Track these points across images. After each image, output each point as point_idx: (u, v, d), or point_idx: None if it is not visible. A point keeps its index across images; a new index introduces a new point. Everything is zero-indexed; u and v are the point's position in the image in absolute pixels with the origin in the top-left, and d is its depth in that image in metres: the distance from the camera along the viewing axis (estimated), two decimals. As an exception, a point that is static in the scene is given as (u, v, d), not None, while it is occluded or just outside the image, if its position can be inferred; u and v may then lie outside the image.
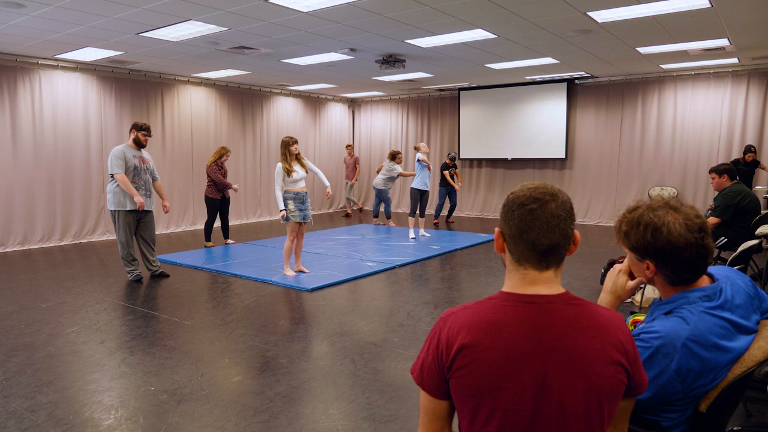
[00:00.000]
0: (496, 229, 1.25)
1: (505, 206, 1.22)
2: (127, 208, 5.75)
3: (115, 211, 5.77)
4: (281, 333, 4.25)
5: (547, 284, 1.18)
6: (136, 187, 5.72)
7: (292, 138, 5.95)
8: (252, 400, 3.06)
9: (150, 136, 5.94)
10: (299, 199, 5.93)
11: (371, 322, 4.55)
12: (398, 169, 9.73)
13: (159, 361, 3.65)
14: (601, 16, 5.81)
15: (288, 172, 5.82)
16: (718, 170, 5.39)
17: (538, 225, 1.15)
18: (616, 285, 1.58)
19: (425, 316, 4.70)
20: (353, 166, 12.13)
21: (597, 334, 1.14)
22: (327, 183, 6.23)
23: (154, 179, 6.09)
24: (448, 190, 10.69)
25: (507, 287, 1.21)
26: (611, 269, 1.60)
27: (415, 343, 4.02)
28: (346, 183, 12.26)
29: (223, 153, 8.05)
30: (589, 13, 5.70)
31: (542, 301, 1.16)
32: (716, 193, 5.43)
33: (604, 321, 1.16)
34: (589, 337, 1.13)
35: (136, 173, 5.74)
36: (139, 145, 5.86)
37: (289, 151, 5.87)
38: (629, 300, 5.14)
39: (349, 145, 12.28)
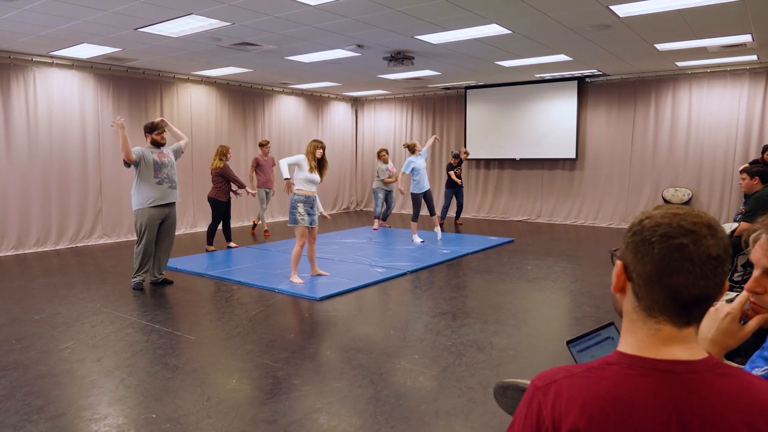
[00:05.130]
0: (618, 263, 0.92)
1: (636, 233, 0.89)
2: (153, 205, 5.51)
3: (138, 209, 5.55)
4: (292, 349, 3.95)
5: (687, 345, 0.88)
6: (158, 182, 5.54)
7: (321, 143, 5.79)
8: (265, 431, 2.77)
9: (163, 131, 5.73)
10: (309, 202, 5.72)
11: (387, 335, 4.26)
12: (382, 166, 9.64)
13: (160, 383, 3.35)
14: (623, 10, 5.53)
15: (310, 167, 5.66)
16: (750, 172, 5.13)
17: (688, 267, 0.84)
18: (725, 333, 1.20)
19: (444, 328, 4.41)
20: (270, 168, 9.17)
21: (760, 419, 0.83)
22: (321, 209, 5.99)
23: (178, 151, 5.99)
24: (454, 191, 10.39)
25: (628, 347, 0.90)
26: (714, 310, 1.21)
27: (436, 360, 3.73)
28: (267, 192, 9.10)
29: (226, 151, 7.84)
30: (612, 7, 5.41)
31: (683, 370, 0.85)
32: (742, 194, 5.16)
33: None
34: (751, 424, 0.82)
35: (157, 168, 5.55)
36: (157, 145, 5.68)
37: (313, 154, 5.71)
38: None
39: (264, 143, 9.18)
